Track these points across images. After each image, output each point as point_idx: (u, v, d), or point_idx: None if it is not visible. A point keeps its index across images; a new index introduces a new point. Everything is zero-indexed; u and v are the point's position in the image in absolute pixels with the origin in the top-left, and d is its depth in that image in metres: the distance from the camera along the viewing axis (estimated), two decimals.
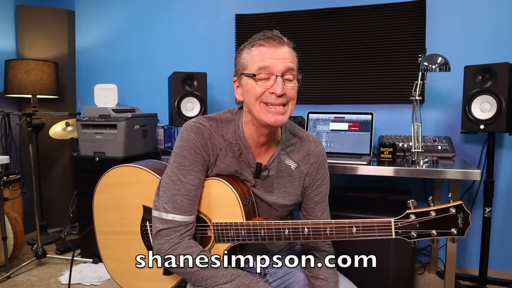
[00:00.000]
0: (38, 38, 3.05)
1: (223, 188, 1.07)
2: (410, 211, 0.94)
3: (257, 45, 1.00)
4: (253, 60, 1.00)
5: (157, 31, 3.05)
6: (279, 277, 1.20)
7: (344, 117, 2.23)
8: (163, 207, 1.04)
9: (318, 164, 1.16)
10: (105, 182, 1.26)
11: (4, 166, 2.46)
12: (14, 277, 2.28)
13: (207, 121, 1.10)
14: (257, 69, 0.99)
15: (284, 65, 0.99)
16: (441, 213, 0.92)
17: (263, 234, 1.03)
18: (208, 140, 1.08)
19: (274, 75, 0.98)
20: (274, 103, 0.99)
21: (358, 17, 2.54)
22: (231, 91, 2.89)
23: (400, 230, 0.94)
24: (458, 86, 2.16)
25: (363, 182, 2.50)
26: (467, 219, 0.91)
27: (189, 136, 1.07)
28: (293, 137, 1.16)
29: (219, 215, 1.08)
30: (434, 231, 0.93)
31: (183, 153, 1.06)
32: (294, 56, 1.04)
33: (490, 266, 2.15)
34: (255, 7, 2.79)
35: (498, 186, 2.34)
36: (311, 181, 1.16)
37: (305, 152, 1.15)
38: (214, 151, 1.09)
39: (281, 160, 1.14)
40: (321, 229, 0.99)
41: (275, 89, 0.98)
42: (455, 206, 0.91)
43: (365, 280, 1.19)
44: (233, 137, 1.10)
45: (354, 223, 0.96)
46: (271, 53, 0.99)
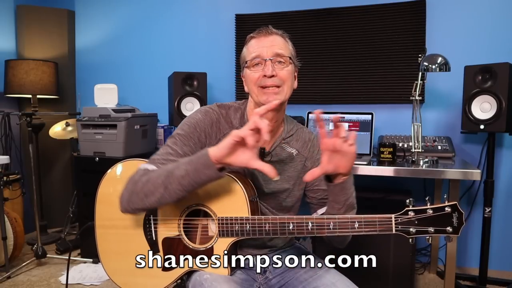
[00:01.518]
0: (38, 38, 3.05)
1: (230, 183, 1.08)
2: (409, 208, 0.99)
3: (250, 39, 1.14)
4: (248, 52, 1.13)
5: (157, 31, 3.05)
6: (278, 273, 1.20)
7: (344, 117, 2.23)
8: (147, 164, 1.09)
9: (314, 147, 1.26)
10: (110, 176, 1.25)
11: (4, 166, 2.46)
12: (14, 277, 2.28)
13: (218, 108, 1.19)
14: (251, 58, 1.11)
15: (272, 51, 1.09)
16: (437, 211, 0.97)
17: (267, 229, 1.04)
18: (215, 123, 1.15)
19: (264, 59, 1.09)
20: (267, 85, 1.08)
21: (358, 17, 2.55)
22: (231, 91, 2.93)
23: (400, 226, 0.99)
24: (458, 86, 2.16)
25: (363, 182, 2.49)
26: (461, 219, 0.96)
27: (196, 116, 1.16)
28: (292, 129, 1.25)
29: (225, 209, 1.08)
30: (431, 228, 0.98)
31: (183, 127, 1.14)
32: (286, 44, 1.14)
33: (490, 266, 2.15)
34: (255, 7, 2.79)
35: (498, 186, 2.34)
36: (313, 163, 1.23)
37: (303, 140, 1.25)
38: (218, 135, 1.14)
39: (283, 148, 1.21)
40: (325, 223, 1.02)
41: (265, 71, 1.08)
42: (450, 206, 0.97)
43: (365, 280, 1.19)
44: (239, 123, 1.17)
45: (357, 218, 1.01)
46: (259, 41, 1.11)
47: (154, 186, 1.00)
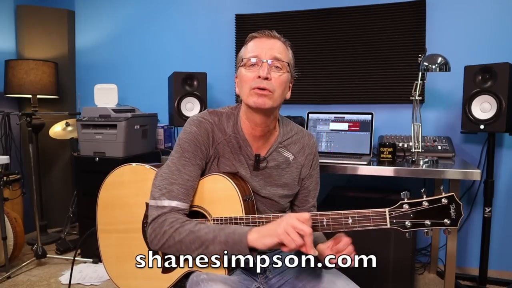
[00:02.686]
0: (38, 38, 3.05)
1: (223, 183, 1.09)
2: (403, 201, 0.97)
3: (251, 38, 1.13)
4: (247, 51, 1.12)
5: (157, 31, 3.05)
6: (278, 273, 1.20)
7: (344, 117, 2.23)
8: (158, 195, 1.07)
9: (312, 156, 1.25)
10: (111, 181, 1.26)
11: (4, 166, 2.46)
12: (14, 277, 2.28)
13: (210, 116, 1.17)
14: (249, 57, 1.10)
15: (271, 54, 1.08)
16: (433, 203, 0.95)
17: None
18: (210, 134, 1.14)
19: (261, 60, 1.07)
20: (259, 86, 1.06)
21: (358, 17, 2.54)
22: (231, 91, 2.93)
23: (395, 220, 0.96)
24: (458, 86, 2.16)
25: (363, 182, 2.50)
26: (459, 210, 0.93)
27: (191, 129, 1.13)
28: (289, 131, 1.23)
29: (219, 210, 1.09)
30: (427, 221, 0.95)
31: (184, 145, 1.12)
32: (286, 51, 1.13)
33: (490, 266, 2.16)
34: (255, 7, 2.79)
35: (498, 186, 2.34)
36: (307, 172, 1.24)
37: (301, 144, 1.23)
38: (214, 144, 1.14)
39: (279, 153, 1.20)
40: (318, 220, 1.01)
41: (260, 72, 1.06)
42: (447, 197, 0.94)
43: (365, 280, 1.19)
44: (232, 131, 1.16)
45: (350, 214, 0.99)
46: (261, 42, 1.10)
47: (186, 249, 1.03)
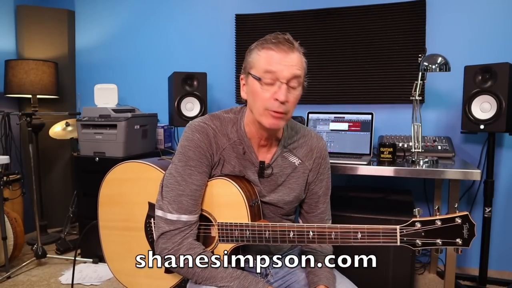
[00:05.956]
0: (38, 38, 3.05)
1: (230, 188, 1.07)
2: (416, 219, 0.92)
3: (267, 48, 1.00)
4: (261, 62, 1.00)
5: (157, 31, 3.05)
6: (280, 277, 1.20)
7: (344, 117, 2.23)
8: (168, 208, 1.04)
9: (321, 159, 1.17)
10: (112, 177, 1.26)
11: (4, 166, 2.46)
12: (14, 277, 2.28)
13: (212, 121, 1.10)
14: (264, 71, 0.99)
15: (290, 72, 0.99)
16: (446, 222, 0.91)
17: (267, 236, 1.03)
18: (213, 139, 1.08)
19: (280, 81, 0.98)
20: (276, 110, 0.99)
21: (358, 17, 2.54)
22: (231, 91, 2.92)
23: (405, 238, 0.93)
24: (458, 86, 2.16)
25: (363, 182, 2.50)
26: (472, 230, 0.90)
27: (193, 136, 1.07)
28: (295, 134, 1.17)
29: (225, 215, 1.07)
30: (439, 240, 0.91)
31: (188, 153, 1.06)
32: (303, 62, 1.04)
33: (490, 266, 2.16)
34: (255, 7, 2.78)
35: (498, 186, 2.34)
36: (314, 176, 1.17)
37: (308, 147, 1.16)
38: (218, 150, 1.09)
39: (284, 158, 1.14)
40: (326, 233, 0.98)
41: (278, 95, 0.98)
42: (461, 217, 0.90)
43: (365, 280, 1.19)
44: (236, 137, 1.11)
45: (360, 229, 0.95)
46: (279, 58, 0.98)
47: (198, 280, 1.03)
